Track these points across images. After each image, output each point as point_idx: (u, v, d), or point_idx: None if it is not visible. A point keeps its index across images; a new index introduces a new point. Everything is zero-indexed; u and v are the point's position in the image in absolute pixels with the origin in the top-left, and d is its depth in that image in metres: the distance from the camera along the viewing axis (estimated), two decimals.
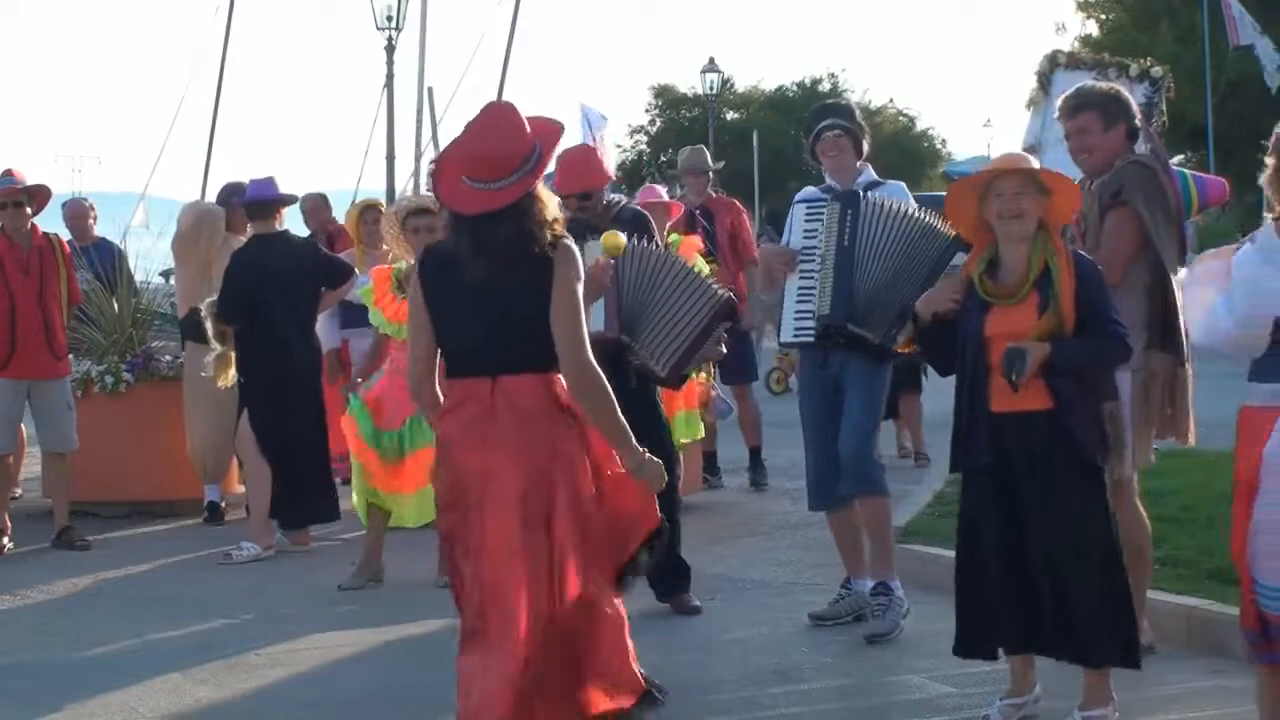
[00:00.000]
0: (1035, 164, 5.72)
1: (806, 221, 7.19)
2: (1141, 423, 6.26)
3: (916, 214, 7.01)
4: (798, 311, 7.17)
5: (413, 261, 8.09)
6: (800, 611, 7.41)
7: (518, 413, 4.66)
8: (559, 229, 4.76)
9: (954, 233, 6.60)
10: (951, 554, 7.81)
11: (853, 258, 7.00)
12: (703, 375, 9.44)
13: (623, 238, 6.38)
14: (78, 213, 12.20)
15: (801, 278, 7.14)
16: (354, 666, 6.74)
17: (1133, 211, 6.20)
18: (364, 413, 8.21)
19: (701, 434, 9.97)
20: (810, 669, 6.52)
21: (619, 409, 4.73)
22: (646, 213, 8.01)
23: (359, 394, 8.32)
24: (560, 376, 4.70)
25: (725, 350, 7.72)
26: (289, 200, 9.71)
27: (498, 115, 4.76)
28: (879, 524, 7.18)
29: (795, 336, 7.21)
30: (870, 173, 7.33)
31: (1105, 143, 6.38)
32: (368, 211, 10.88)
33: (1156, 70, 10.54)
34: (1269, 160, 5.13)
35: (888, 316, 6.93)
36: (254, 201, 9.41)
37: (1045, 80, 10.48)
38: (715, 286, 7.49)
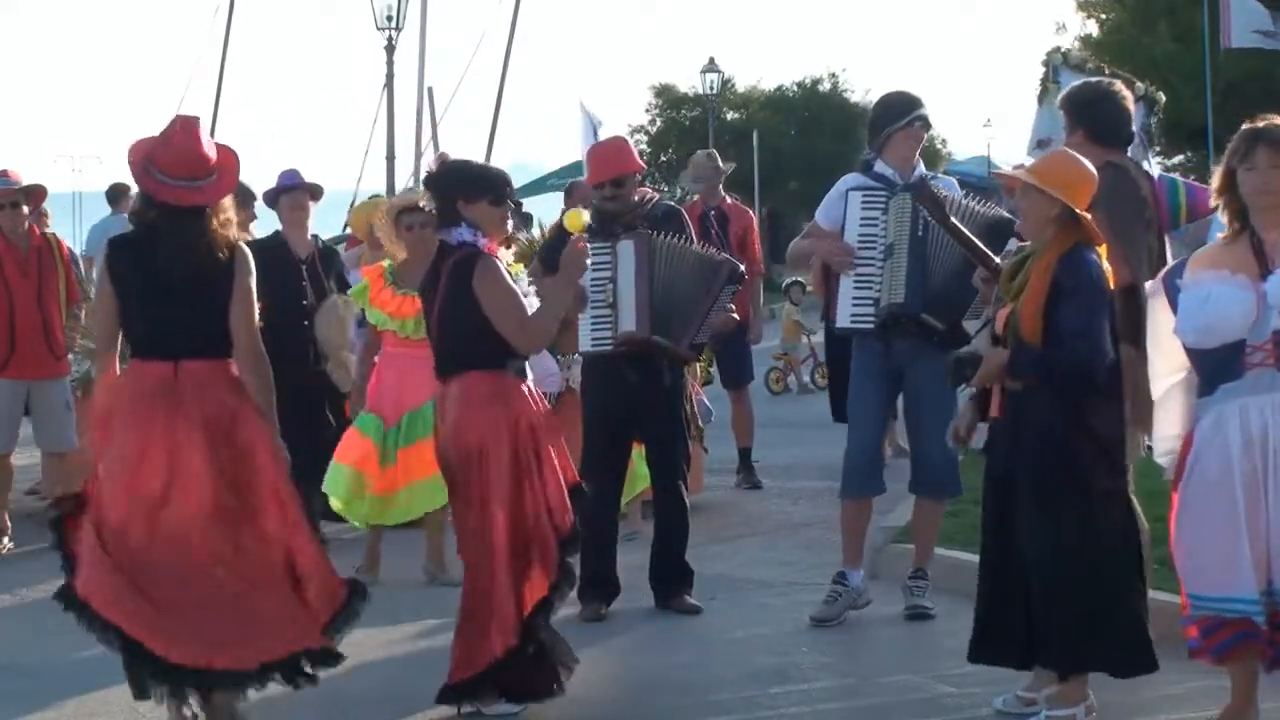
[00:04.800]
0: (1074, 165, 5.72)
1: (864, 210, 7.20)
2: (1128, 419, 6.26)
3: (979, 208, 7.08)
4: (855, 299, 7.20)
5: (404, 258, 8.17)
6: (800, 611, 7.41)
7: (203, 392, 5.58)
8: (234, 237, 5.68)
9: (723, 258, 7.22)
10: (950, 553, 7.88)
11: (926, 247, 7.05)
12: (699, 378, 9.43)
13: (585, 215, 6.36)
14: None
15: (861, 265, 7.16)
16: (354, 666, 6.73)
17: (1099, 214, 6.20)
18: (373, 423, 8.21)
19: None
20: (810, 669, 6.52)
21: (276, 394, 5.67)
22: (680, 209, 8.05)
23: (363, 408, 8.28)
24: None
25: (736, 316, 7.83)
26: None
27: (193, 124, 5.69)
28: (935, 524, 7.48)
29: (853, 323, 7.25)
30: (921, 165, 7.39)
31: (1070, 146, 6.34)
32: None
33: (1160, 96, 10.50)
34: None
35: (955, 307, 7.01)
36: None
37: (1054, 74, 10.46)
38: (718, 256, 7.55)
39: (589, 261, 7.26)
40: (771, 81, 57.37)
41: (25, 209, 9.45)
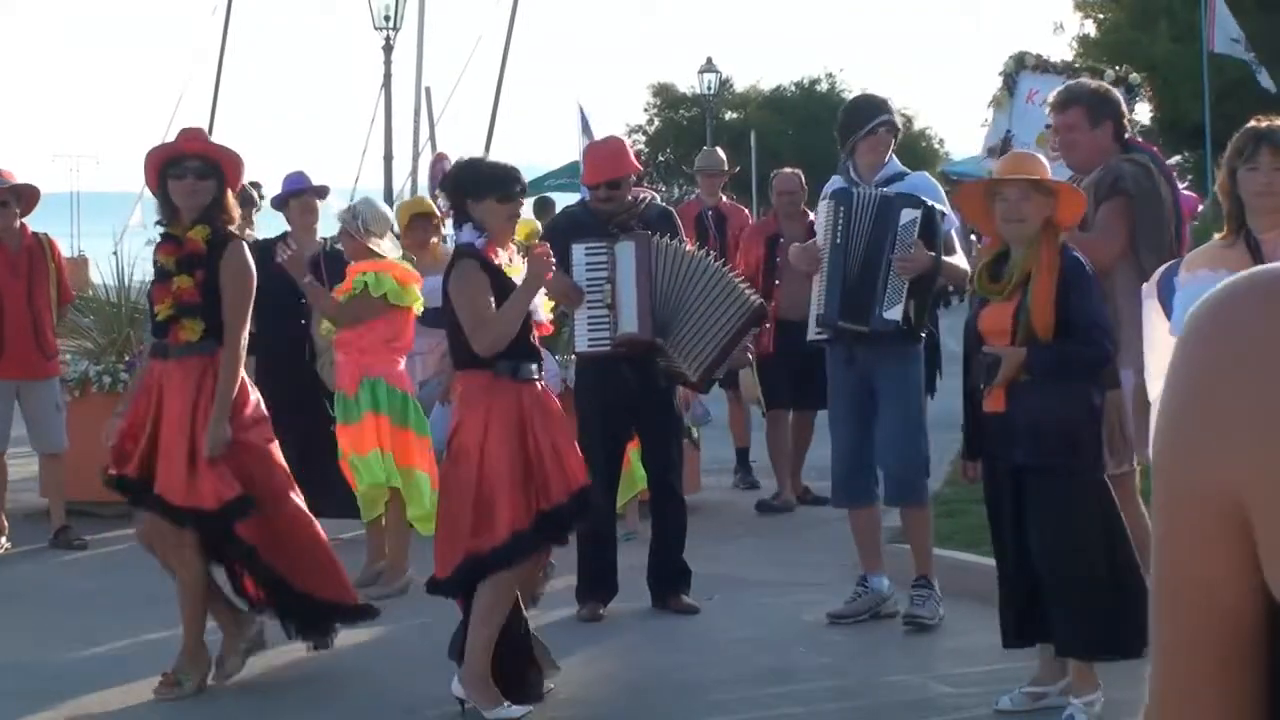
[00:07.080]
0: (1045, 166, 5.76)
1: (827, 217, 7.13)
2: (1141, 419, 6.28)
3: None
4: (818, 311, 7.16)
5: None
6: (799, 611, 7.41)
7: None
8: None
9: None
10: (949, 554, 7.89)
11: (845, 253, 7.00)
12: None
13: (534, 223, 6.40)
14: None
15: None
16: (354, 666, 6.74)
17: (1129, 202, 6.22)
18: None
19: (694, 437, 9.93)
20: (809, 669, 6.52)
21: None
22: (673, 210, 8.03)
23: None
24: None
25: (751, 357, 7.87)
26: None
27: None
28: (922, 531, 7.33)
29: (816, 335, 7.22)
30: (895, 163, 7.34)
31: (1091, 139, 6.40)
32: (418, 220, 9.69)
33: (1134, 77, 10.47)
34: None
35: (866, 306, 6.94)
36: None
37: (1011, 81, 10.45)
38: (748, 292, 7.47)
39: (587, 260, 7.29)
40: (769, 81, 57.43)
41: (17, 209, 9.43)
